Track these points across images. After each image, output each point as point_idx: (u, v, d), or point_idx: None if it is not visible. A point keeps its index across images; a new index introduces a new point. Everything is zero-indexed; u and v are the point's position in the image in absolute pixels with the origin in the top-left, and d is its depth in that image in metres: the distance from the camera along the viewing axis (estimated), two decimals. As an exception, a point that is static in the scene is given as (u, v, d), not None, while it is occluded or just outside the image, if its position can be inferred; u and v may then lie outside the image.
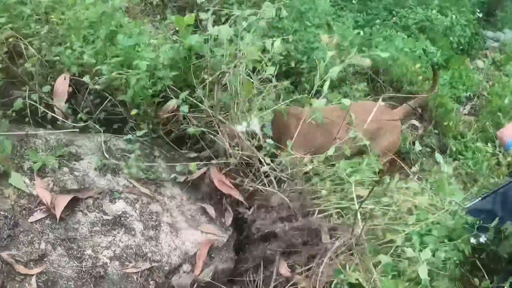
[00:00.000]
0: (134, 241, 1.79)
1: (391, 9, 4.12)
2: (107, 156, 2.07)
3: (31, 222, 1.68)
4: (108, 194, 1.92)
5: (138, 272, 1.67)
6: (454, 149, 3.29)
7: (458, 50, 4.33)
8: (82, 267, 1.62)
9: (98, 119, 2.38)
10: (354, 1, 4.03)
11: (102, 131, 2.19)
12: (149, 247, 1.79)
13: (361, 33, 3.45)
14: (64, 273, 1.59)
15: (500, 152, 3.44)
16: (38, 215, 1.71)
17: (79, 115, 2.27)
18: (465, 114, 3.85)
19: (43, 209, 1.73)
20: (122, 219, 1.84)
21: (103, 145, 2.12)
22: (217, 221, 2.05)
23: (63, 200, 1.74)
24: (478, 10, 4.50)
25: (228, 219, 2.08)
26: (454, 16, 4.08)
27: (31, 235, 1.65)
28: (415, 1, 4.15)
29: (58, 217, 1.70)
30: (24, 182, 1.80)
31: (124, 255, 1.72)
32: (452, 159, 3.31)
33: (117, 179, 2.01)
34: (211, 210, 2.06)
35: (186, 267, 1.77)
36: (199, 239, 1.91)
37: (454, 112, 3.48)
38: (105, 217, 1.83)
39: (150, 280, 1.69)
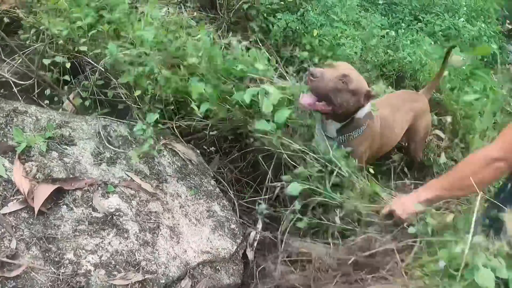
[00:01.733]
0: (126, 245, 1.43)
1: (417, 14, 3.76)
2: (105, 142, 1.72)
3: (4, 214, 1.32)
4: (101, 187, 1.57)
5: (128, 285, 1.31)
6: (479, 164, 2.91)
7: (482, 62, 3.96)
8: (59, 274, 1.26)
9: (100, 101, 2.03)
10: (380, 2, 3.67)
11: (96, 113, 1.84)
12: (143, 254, 1.43)
13: (391, 33, 3.08)
14: (37, 280, 1.23)
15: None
16: (13, 206, 1.35)
17: (75, 91, 1.92)
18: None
19: (20, 199, 1.37)
20: (114, 217, 1.48)
21: (101, 130, 1.77)
22: (226, 226, 1.69)
23: (44, 190, 1.39)
24: (508, 21, 4.14)
25: (240, 228, 1.72)
26: (482, 26, 3.72)
27: (2, 230, 1.29)
28: (442, 7, 3.79)
29: (36, 210, 1.35)
30: (3, 165, 1.45)
31: (113, 262, 1.35)
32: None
33: (113, 170, 1.66)
34: (221, 212, 1.71)
35: (185, 283, 1.40)
36: (204, 247, 1.55)
37: (479, 124, 3.10)
38: (94, 214, 1.47)
39: (141, 295, 1.33)
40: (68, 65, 1.92)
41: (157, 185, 1.67)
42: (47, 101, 1.99)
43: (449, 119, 2.93)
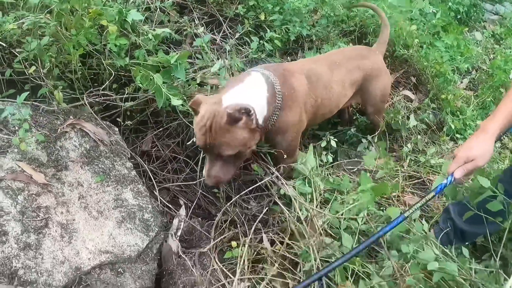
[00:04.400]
0: (2, 251, 1.09)
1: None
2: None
3: None
4: (-18, 181, 1.22)
5: (-10, 302, 0.98)
6: (453, 127, 2.54)
7: (456, 19, 3.53)
8: None
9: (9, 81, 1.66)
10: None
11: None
12: (23, 260, 1.10)
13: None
14: None
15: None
16: None
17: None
18: (462, 89, 3.08)
19: None
20: (-8, 217, 1.14)
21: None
22: (138, 216, 1.35)
23: None
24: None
25: (158, 218, 1.37)
26: (455, -22, 3.28)
27: None
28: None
29: None
30: None
31: (-24, 275, 1.02)
32: (449, 138, 2.58)
33: (1, 160, 1.31)
34: (133, 200, 1.36)
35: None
36: (103, 246, 1.21)
37: (453, 84, 2.71)
38: (-32, 215, 1.13)
39: (8, 314, 1.00)
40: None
41: (53, 174, 1.32)
42: None
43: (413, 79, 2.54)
